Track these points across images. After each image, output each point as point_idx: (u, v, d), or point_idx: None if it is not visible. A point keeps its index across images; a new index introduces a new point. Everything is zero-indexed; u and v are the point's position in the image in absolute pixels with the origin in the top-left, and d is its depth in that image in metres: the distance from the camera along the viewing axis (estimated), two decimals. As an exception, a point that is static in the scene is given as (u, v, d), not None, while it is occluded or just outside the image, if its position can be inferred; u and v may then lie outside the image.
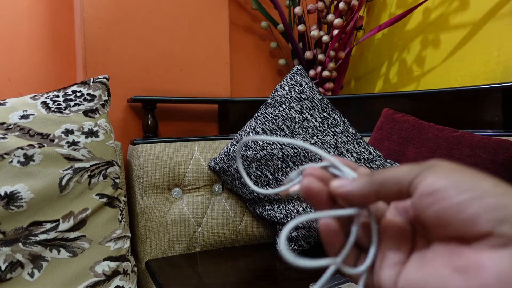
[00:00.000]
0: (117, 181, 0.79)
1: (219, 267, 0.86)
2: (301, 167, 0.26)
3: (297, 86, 0.94)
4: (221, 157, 0.94)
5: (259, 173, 0.90)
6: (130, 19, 1.05)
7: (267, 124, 0.92)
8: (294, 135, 0.90)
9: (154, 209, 0.92)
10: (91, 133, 0.76)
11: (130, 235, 0.81)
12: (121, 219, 0.78)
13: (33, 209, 0.67)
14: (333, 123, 0.92)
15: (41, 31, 1.07)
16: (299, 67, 0.97)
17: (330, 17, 1.19)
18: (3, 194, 0.64)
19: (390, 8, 1.27)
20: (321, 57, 1.21)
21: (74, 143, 0.73)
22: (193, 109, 1.17)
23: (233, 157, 0.92)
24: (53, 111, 0.76)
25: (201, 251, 0.96)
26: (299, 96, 0.93)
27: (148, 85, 1.08)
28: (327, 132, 0.91)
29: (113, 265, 0.72)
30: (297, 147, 0.89)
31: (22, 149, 0.68)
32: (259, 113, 0.95)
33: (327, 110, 0.93)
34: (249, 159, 0.91)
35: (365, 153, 0.89)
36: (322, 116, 0.92)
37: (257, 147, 0.90)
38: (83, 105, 0.79)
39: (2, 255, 0.63)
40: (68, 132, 0.74)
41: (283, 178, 0.90)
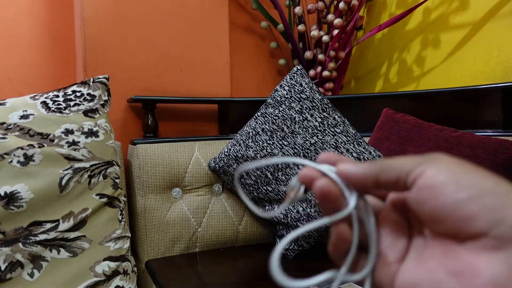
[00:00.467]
0: (117, 181, 0.79)
1: (219, 267, 0.86)
2: (299, 173, 0.25)
3: (297, 86, 0.94)
4: (221, 157, 0.94)
5: (259, 173, 0.90)
6: (130, 19, 1.05)
7: (267, 124, 0.92)
8: (294, 135, 0.90)
9: (154, 209, 0.92)
10: (91, 133, 0.76)
11: (130, 235, 0.80)
12: (121, 219, 0.78)
13: (33, 209, 0.67)
14: (333, 123, 0.92)
15: (41, 31, 1.07)
16: (299, 67, 0.97)
17: (330, 17, 1.19)
18: (3, 194, 0.64)
19: (390, 8, 1.27)
20: (321, 57, 1.21)
21: (74, 143, 0.73)
22: (193, 109, 1.17)
23: (233, 157, 0.92)
24: (53, 111, 0.75)
25: (201, 251, 0.96)
26: (299, 96, 0.93)
27: (148, 85, 1.08)
28: (327, 132, 0.91)
29: (113, 265, 0.72)
30: (296, 147, 0.89)
31: (22, 149, 0.68)
32: (259, 113, 0.95)
33: (327, 110, 0.93)
34: (249, 159, 0.91)
35: (365, 153, 0.89)
36: (322, 116, 0.92)
37: (257, 147, 0.90)
38: (83, 105, 0.79)
39: (2, 255, 0.63)
40: (68, 132, 0.74)
41: (283, 178, 0.90)
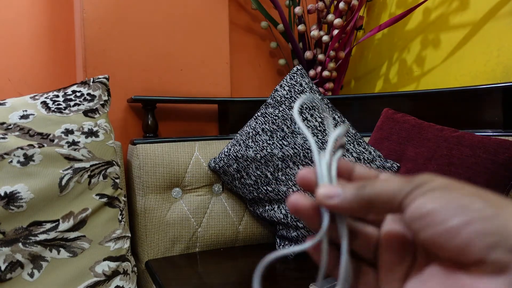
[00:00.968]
0: (117, 181, 0.79)
1: (219, 267, 0.86)
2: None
3: (297, 86, 0.94)
4: (221, 157, 0.94)
5: (259, 173, 0.90)
6: (130, 19, 1.05)
7: (267, 124, 0.92)
8: (294, 135, 0.90)
9: (154, 209, 0.92)
10: (91, 133, 0.76)
11: (130, 235, 0.80)
12: (121, 219, 0.78)
13: (33, 209, 0.67)
14: (333, 123, 0.92)
15: (41, 31, 1.07)
16: (299, 67, 0.97)
17: (330, 17, 1.19)
18: (3, 194, 0.64)
19: (390, 8, 1.27)
20: (321, 57, 1.21)
21: (74, 143, 0.73)
22: (193, 109, 1.17)
23: (233, 157, 0.92)
24: (53, 111, 0.75)
25: (201, 251, 0.96)
26: (299, 96, 0.93)
27: (148, 85, 1.08)
28: (327, 132, 0.91)
29: (113, 265, 0.72)
30: (297, 147, 0.89)
31: (22, 149, 0.68)
32: (259, 113, 0.95)
33: (327, 110, 0.93)
34: (249, 159, 0.91)
35: (365, 153, 0.89)
36: (322, 116, 0.92)
37: (257, 147, 0.90)
38: (83, 105, 0.79)
39: (2, 255, 0.63)
40: (68, 132, 0.74)
41: (283, 178, 0.90)
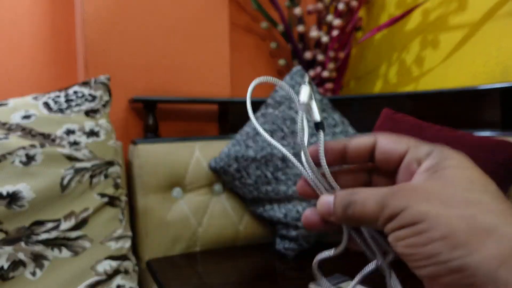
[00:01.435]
0: (118, 181, 0.79)
1: (219, 267, 0.87)
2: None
3: (297, 86, 0.95)
4: (221, 157, 0.95)
5: (259, 173, 0.91)
6: (130, 19, 1.05)
7: (267, 124, 0.92)
8: (294, 135, 0.91)
9: (154, 208, 0.92)
10: (92, 133, 0.77)
11: (131, 234, 0.81)
12: (122, 218, 0.78)
13: (35, 209, 0.67)
14: (333, 123, 0.93)
15: (42, 32, 1.08)
16: (299, 68, 0.98)
17: (329, 17, 1.19)
18: (5, 193, 0.65)
19: (389, 8, 1.27)
20: (321, 57, 1.22)
21: (75, 143, 0.74)
22: (194, 109, 1.17)
23: (233, 157, 0.93)
24: (55, 112, 0.76)
25: (202, 251, 0.96)
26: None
27: (148, 85, 1.08)
28: (326, 132, 0.91)
29: (114, 264, 0.73)
30: (296, 147, 0.90)
31: (24, 149, 0.68)
32: (259, 113, 0.95)
33: (327, 110, 0.94)
34: (249, 159, 0.91)
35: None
36: (321, 116, 0.92)
37: (257, 147, 0.91)
38: (84, 105, 0.79)
39: (4, 254, 0.64)
40: (69, 132, 0.74)
41: (283, 178, 0.90)
